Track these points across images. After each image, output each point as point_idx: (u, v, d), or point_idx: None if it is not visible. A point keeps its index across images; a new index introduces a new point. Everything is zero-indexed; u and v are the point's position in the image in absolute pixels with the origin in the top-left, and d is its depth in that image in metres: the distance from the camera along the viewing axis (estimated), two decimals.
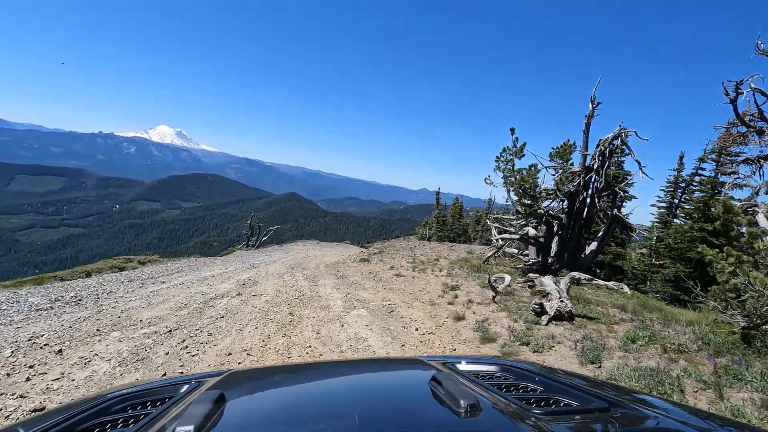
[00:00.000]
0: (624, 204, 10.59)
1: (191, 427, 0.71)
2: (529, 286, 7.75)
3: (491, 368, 1.32)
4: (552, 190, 9.47)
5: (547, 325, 5.39)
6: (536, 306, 5.58)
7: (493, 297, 6.73)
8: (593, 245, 10.30)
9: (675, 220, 13.54)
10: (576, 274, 6.39)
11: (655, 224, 13.52)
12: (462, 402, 0.82)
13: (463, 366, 1.33)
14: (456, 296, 7.44)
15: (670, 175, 13.35)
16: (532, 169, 9.03)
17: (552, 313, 5.39)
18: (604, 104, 9.47)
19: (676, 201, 14.01)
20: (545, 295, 6.10)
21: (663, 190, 14.35)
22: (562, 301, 5.45)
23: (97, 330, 6.01)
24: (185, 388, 1.12)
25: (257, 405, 1.04)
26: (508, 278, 7.20)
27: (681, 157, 14.01)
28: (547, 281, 6.62)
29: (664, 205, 14.19)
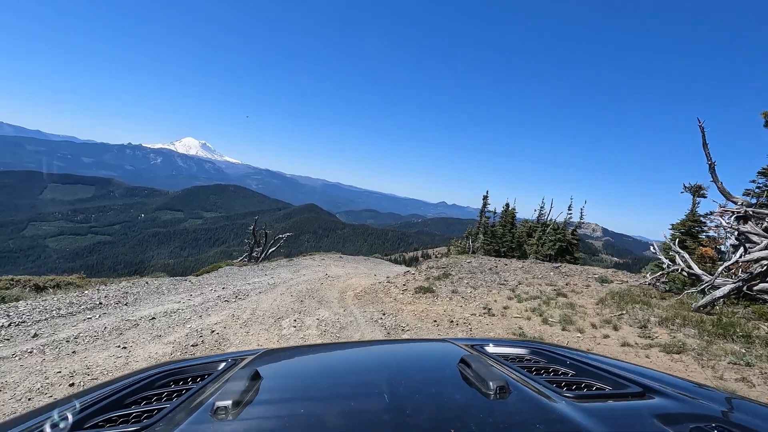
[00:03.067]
0: None
1: (229, 402, 0.74)
2: None
3: (521, 351, 1.29)
4: None
5: None
6: None
7: None
8: None
9: None
10: None
11: None
12: (491, 384, 0.81)
13: (492, 348, 1.31)
14: None
15: None
16: None
17: None
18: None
19: None
20: None
21: None
22: None
23: None
24: (222, 365, 1.15)
25: (290, 382, 1.06)
26: None
27: None
28: None
29: None
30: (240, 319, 5.94)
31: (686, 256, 6.98)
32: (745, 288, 6.27)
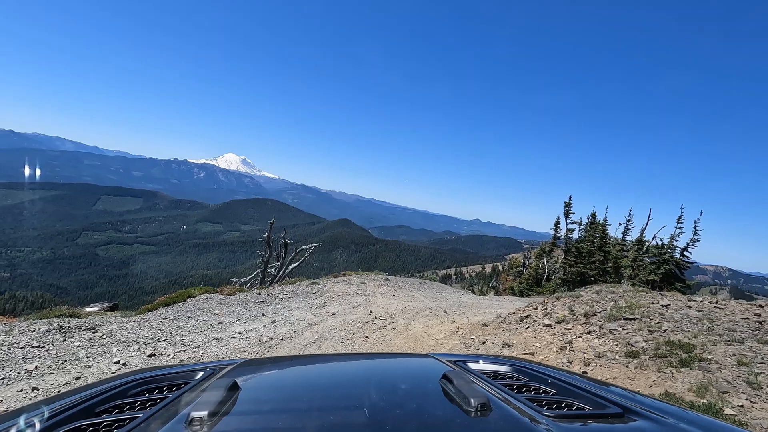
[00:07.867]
0: None
1: (205, 413, 0.73)
2: None
3: (503, 368, 1.29)
4: None
5: None
6: None
7: None
8: None
9: None
10: None
11: None
12: (472, 401, 0.81)
13: (474, 365, 1.30)
14: None
15: None
16: None
17: None
18: None
19: None
20: None
21: None
22: None
23: None
24: (200, 374, 1.13)
25: (269, 394, 1.04)
26: None
27: None
28: None
29: None
30: None
31: None
32: None
